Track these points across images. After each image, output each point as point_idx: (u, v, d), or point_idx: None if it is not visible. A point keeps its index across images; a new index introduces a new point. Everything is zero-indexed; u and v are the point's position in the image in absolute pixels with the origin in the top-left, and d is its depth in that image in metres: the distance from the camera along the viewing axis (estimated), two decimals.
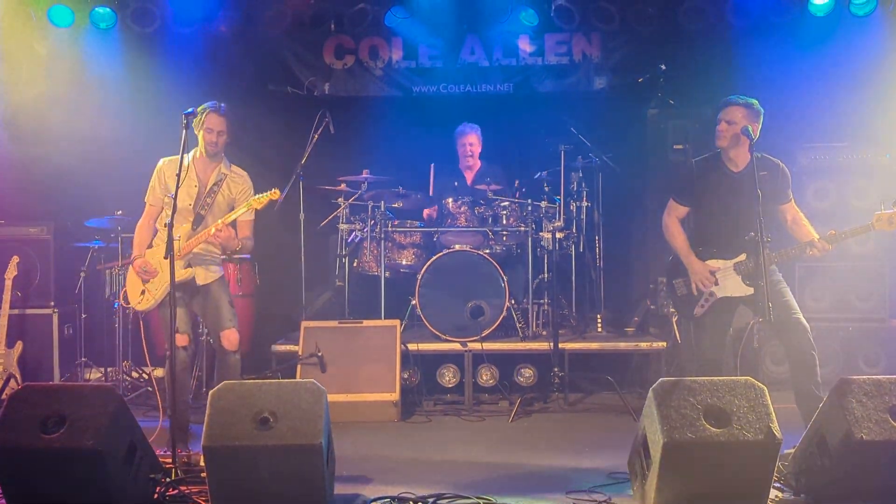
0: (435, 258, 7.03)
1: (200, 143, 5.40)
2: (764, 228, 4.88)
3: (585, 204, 7.54)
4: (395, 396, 6.32)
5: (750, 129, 4.99)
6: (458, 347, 6.83)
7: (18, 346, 6.91)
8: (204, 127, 5.33)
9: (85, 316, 7.26)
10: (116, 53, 7.92)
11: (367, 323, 6.75)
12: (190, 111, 5.01)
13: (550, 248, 7.14)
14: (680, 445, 3.92)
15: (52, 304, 7.24)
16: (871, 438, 3.94)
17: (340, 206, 7.46)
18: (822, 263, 7.12)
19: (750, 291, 5.06)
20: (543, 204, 7.32)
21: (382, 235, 7.26)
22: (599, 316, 7.49)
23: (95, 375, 7.37)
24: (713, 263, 5.19)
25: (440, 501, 4.39)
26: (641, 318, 7.55)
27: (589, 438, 5.86)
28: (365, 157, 7.86)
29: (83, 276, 7.17)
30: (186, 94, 7.49)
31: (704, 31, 7.75)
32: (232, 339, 5.44)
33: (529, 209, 7.25)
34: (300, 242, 7.14)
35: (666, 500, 3.99)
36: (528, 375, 6.92)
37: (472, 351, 6.78)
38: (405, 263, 7.51)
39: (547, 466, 5.18)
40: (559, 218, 7.24)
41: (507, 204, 7.35)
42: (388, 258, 7.36)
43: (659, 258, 6.78)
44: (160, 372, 7.26)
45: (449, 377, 6.89)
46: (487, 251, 7.21)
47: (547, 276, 7.33)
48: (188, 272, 5.33)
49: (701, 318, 5.23)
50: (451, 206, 7.46)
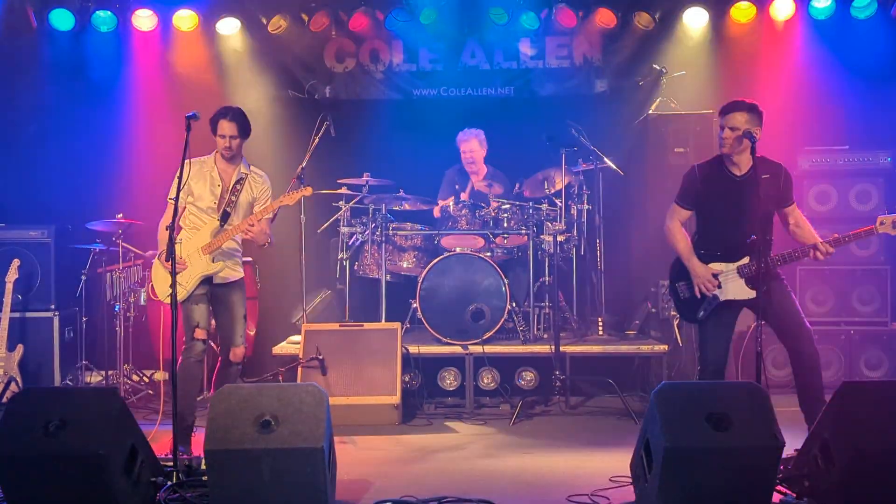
0: (436, 261, 7.03)
1: (218, 147, 5.53)
2: (766, 231, 4.88)
3: (586, 207, 7.53)
4: (396, 399, 6.31)
5: (752, 132, 4.98)
6: (459, 350, 6.83)
7: (19, 349, 6.90)
8: (217, 134, 5.47)
9: (86, 319, 7.25)
10: (117, 56, 7.92)
11: (367, 326, 6.75)
12: (192, 115, 5.00)
13: (551, 251, 7.14)
14: (682, 450, 3.91)
15: (52, 307, 7.23)
16: (873, 442, 3.94)
17: (341, 209, 7.45)
18: (824, 267, 7.12)
19: (753, 294, 5.05)
20: (544, 207, 7.32)
21: (383, 238, 7.25)
22: (600, 319, 7.47)
23: (96, 378, 7.37)
24: (716, 267, 5.18)
25: None
26: (642, 321, 7.54)
27: (590, 442, 5.86)
28: (366, 160, 7.85)
29: (84, 278, 7.15)
30: (187, 97, 7.53)
31: (705, 33, 7.74)
32: (238, 354, 5.56)
33: (530, 212, 7.25)
34: (301, 245, 7.13)
35: None
36: (529, 379, 6.91)
37: (473, 354, 6.77)
38: (406, 266, 7.50)
39: (548, 470, 5.17)
40: (560, 221, 7.23)
41: (508, 207, 7.34)
42: (388, 261, 7.35)
43: (660, 261, 6.75)
44: (161, 375, 7.28)
45: (450, 380, 6.89)
46: (488, 254, 7.21)
47: (548, 279, 7.33)
48: (217, 266, 5.45)
49: (703, 321, 5.22)
50: (451, 208, 7.45)
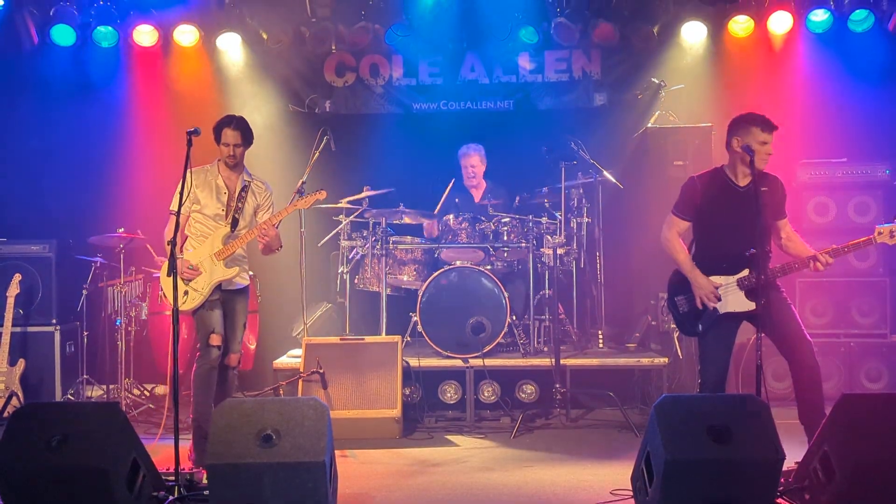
0: (436, 274, 7.05)
1: (222, 155, 5.60)
2: (765, 243, 4.90)
3: (586, 220, 7.55)
4: (396, 413, 6.32)
5: (751, 146, 5.02)
6: (459, 364, 6.83)
7: (20, 363, 6.90)
8: (221, 142, 5.55)
9: (87, 333, 7.24)
10: (118, 71, 7.95)
11: (368, 339, 6.75)
12: (193, 130, 5.02)
13: (551, 263, 7.15)
14: (683, 462, 3.92)
15: (53, 321, 7.24)
16: (872, 455, 3.94)
17: (341, 222, 7.47)
18: (823, 279, 7.14)
19: (752, 306, 5.05)
20: (544, 220, 7.34)
21: (383, 252, 7.27)
22: (601, 332, 7.49)
23: (97, 393, 7.36)
24: (716, 279, 5.18)
25: None
26: (643, 333, 7.55)
27: (591, 454, 5.86)
28: (366, 173, 7.89)
29: (85, 293, 7.16)
30: (188, 111, 7.56)
31: (703, 47, 7.78)
32: (234, 359, 5.65)
33: (530, 225, 7.27)
34: (301, 259, 7.15)
35: None
36: (529, 391, 6.91)
37: (473, 367, 6.78)
38: (406, 280, 7.52)
39: (549, 483, 5.17)
40: (560, 234, 7.25)
41: (507, 220, 7.36)
42: (389, 275, 7.36)
43: (660, 274, 6.76)
44: (161, 390, 7.29)
45: (450, 393, 6.89)
46: (488, 267, 7.23)
47: (548, 291, 7.34)
48: (233, 270, 5.53)
49: (703, 334, 5.23)
50: (451, 222, 7.47)
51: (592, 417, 6.90)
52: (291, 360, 6.92)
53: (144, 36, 7.72)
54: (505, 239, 7.34)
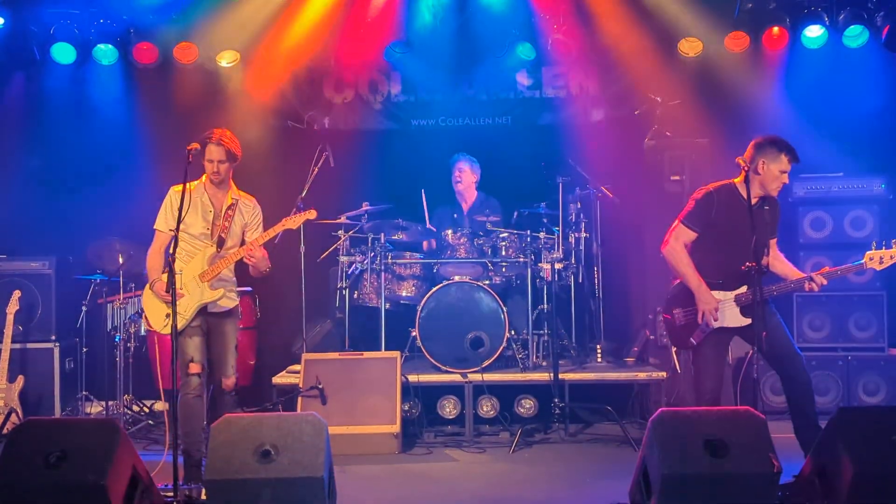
0: (435, 290, 7.06)
1: (207, 172, 5.45)
2: (762, 261, 4.93)
3: (584, 235, 7.58)
4: (395, 428, 6.32)
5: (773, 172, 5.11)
6: (458, 379, 6.84)
7: (20, 380, 6.92)
8: (205, 159, 5.39)
9: (86, 349, 7.26)
10: (119, 89, 7.99)
11: (367, 355, 6.76)
12: (193, 147, 5.04)
13: (550, 278, 7.17)
14: (680, 477, 3.93)
15: (53, 337, 7.27)
16: (869, 469, 3.95)
17: (340, 238, 7.50)
18: (820, 293, 7.06)
19: (746, 322, 5.08)
20: (542, 235, 7.36)
21: (382, 267, 7.29)
22: (599, 346, 7.50)
23: (96, 409, 7.38)
24: (716, 295, 5.21)
25: None
26: (641, 348, 7.56)
27: (590, 469, 5.86)
28: (364, 189, 7.91)
29: (84, 309, 7.18)
30: (188, 128, 7.59)
31: (700, 63, 7.83)
32: (230, 384, 5.49)
33: (528, 240, 7.29)
34: (300, 275, 7.17)
35: None
36: (528, 406, 6.92)
37: (472, 382, 6.78)
38: (405, 295, 7.53)
39: (548, 498, 5.18)
40: (558, 249, 7.27)
41: (506, 235, 7.39)
42: (388, 290, 7.38)
43: (658, 288, 6.79)
44: (162, 405, 7.29)
45: (449, 408, 6.89)
46: (487, 282, 7.25)
47: (546, 306, 7.35)
48: (217, 293, 5.36)
49: (697, 348, 5.24)
50: (450, 237, 7.49)
51: (591, 432, 6.90)
52: (291, 375, 6.92)
53: (144, 53, 7.74)
54: (503, 254, 7.36)
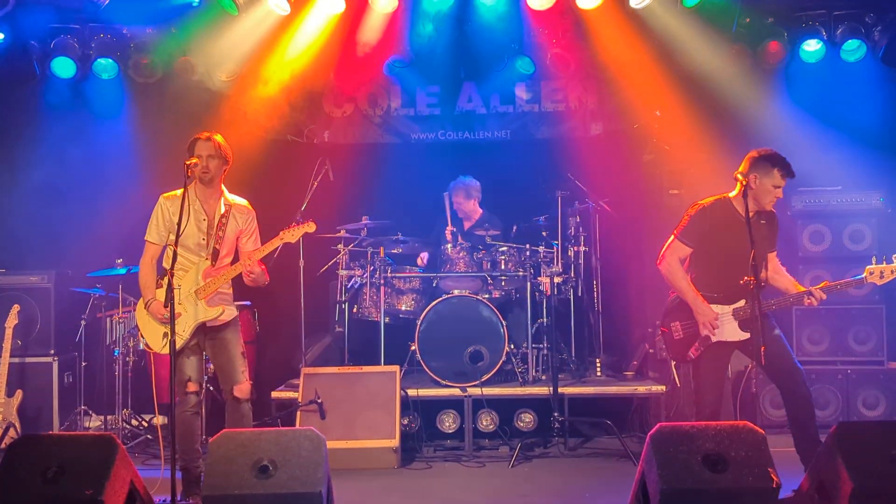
0: (434, 303, 7.07)
1: (196, 173, 5.23)
2: (760, 274, 4.94)
3: (583, 249, 7.59)
4: (394, 443, 6.31)
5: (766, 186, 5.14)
6: (457, 393, 6.84)
7: (18, 394, 6.91)
8: (195, 154, 5.24)
9: (85, 364, 7.26)
10: (118, 103, 8.01)
11: (366, 369, 6.76)
12: (192, 162, 5.05)
13: (549, 292, 7.18)
14: (678, 491, 3.92)
15: (52, 352, 7.27)
16: (868, 484, 3.94)
17: (340, 252, 7.51)
18: (819, 306, 7.09)
19: (745, 336, 5.09)
20: (541, 249, 7.37)
21: (382, 281, 7.29)
22: (598, 360, 7.50)
23: (95, 423, 7.37)
24: (714, 308, 5.22)
25: None
26: (640, 361, 7.56)
27: (589, 483, 5.85)
28: (364, 203, 7.92)
29: (83, 323, 7.19)
30: (188, 142, 7.60)
31: (698, 77, 7.85)
32: (245, 390, 5.30)
33: (528, 254, 7.30)
34: (300, 289, 7.17)
35: None
36: (527, 420, 6.91)
37: (471, 396, 6.78)
38: (405, 309, 7.54)
39: None
40: (557, 263, 7.28)
41: (505, 249, 7.40)
42: (387, 304, 7.39)
43: (657, 302, 6.79)
44: (162, 419, 7.27)
45: (449, 423, 6.89)
46: (486, 296, 7.25)
47: (546, 320, 7.35)
48: (216, 310, 5.21)
49: (697, 361, 5.24)
50: (449, 251, 7.51)
51: (591, 446, 6.89)
52: (290, 390, 6.92)
53: (144, 68, 7.75)
54: (503, 268, 7.37)
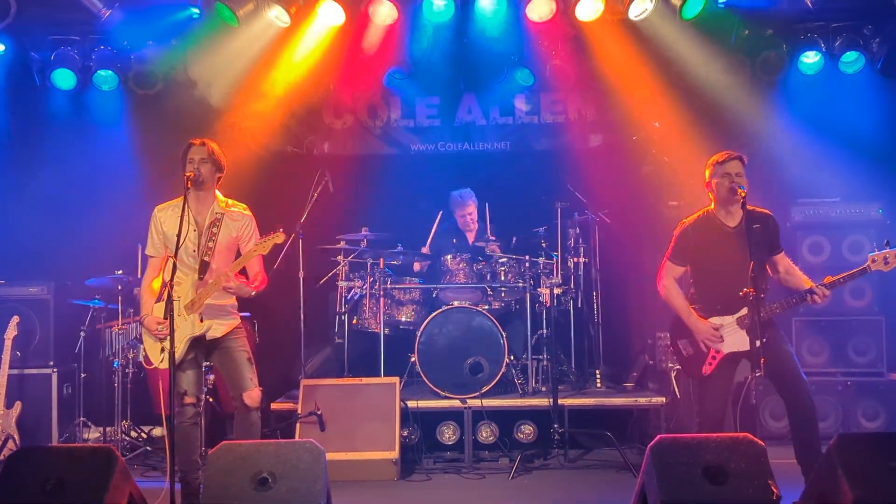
0: (434, 315, 7.06)
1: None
2: (760, 281, 4.94)
3: (583, 260, 7.59)
4: (394, 454, 6.30)
5: (742, 184, 5.10)
6: (457, 404, 6.82)
7: (17, 406, 6.91)
8: (187, 160, 5.21)
9: (84, 375, 7.25)
10: (118, 114, 8.03)
11: (366, 380, 6.76)
12: (192, 175, 5.05)
13: (549, 303, 7.17)
14: None
15: (51, 363, 7.26)
16: (868, 496, 3.93)
17: (340, 263, 7.51)
18: (819, 318, 7.17)
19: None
20: (541, 260, 7.38)
21: (381, 292, 7.29)
22: (598, 371, 7.49)
23: (94, 435, 7.35)
24: (716, 321, 5.22)
25: None
26: (640, 373, 7.56)
27: (589, 495, 5.84)
28: (364, 214, 7.92)
29: (83, 335, 7.18)
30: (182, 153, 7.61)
31: (696, 89, 7.87)
32: (255, 397, 5.24)
33: (527, 265, 7.30)
34: (299, 300, 7.17)
35: None
36: (527, 432, 6.90)
37: (471, 408, 6.77)
38: (404, 320, 7.54)
39: None
40: (557, 274, 7.28)
41: (504, 260, 7.40)
42: (387, 315, 7.38)
43: (657, 313, 6.81)
44: (160, 431, 7.27)
45: (449, 434, 6.87)
46: (486, 307, 7.25)
47: (545, 331, 7.35)
48: (205, 325, 5.16)
49: (710, 375, 5.24)
50: (449, 262, 7.51)
51: (591, 458, 6.88)
52: (289, 401, 6.91)
53: (145, 80, 7.77)
54: (502, 279, 7.37)
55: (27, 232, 7.80)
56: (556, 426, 6.62)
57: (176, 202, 5.30)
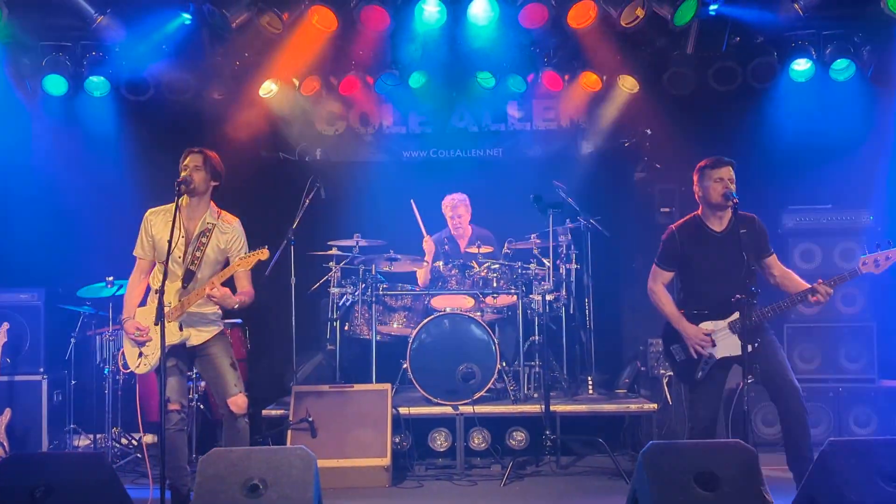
0: (426, 321, 7.05)
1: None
2: (752, 285, 4.94)
3: (575, 266, 7.59)
4: (386, 461, 6.28)
5: (734, 191, 5.12)
6: (449, 411, 6.81)
7: (7, 413, 6.86)
8: (182, 166, 5.21)
9: (75, 382, 7.21)
10: (110, 120, 8.00)
11: (358, 387, 6.74)
12: (183, 180, 5.04)
13: (541, 310, 7.17)
14: None
15: (41, 370, 7.22)
16: (860, 502, 3.94)
17: (331, 269, 7.50)
18: (811, 324, 7.20)
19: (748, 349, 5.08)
20: (533, 266, 7.38)
21: (373, 299, 7.28)
22: (590, 378, 7.49)
23: (84, 442, 7.31)
24: (707, 326, 5.22)
25: None
26: (632, 379, 7.56)
27: (581, 502, 5.84)
28: (356, 221, 7.92)
29: (73, 341, 7.15)
30: (179, 160, 7.59)
31: (689, 96, 7.90)
32: (240, 403, 5.22)
33: (519, 272, 7.29)
34: (291, 307, 7.15)
35: None
36: (519, 439, 6.89)
37: (463, 414, 6.76)
38: (396, 327, 7.52)
39: None
40: (549, 281, 7.28)
41: (497, 267, 7.40)
42: (379, 321, 7.37)
43: (649, 320, 6.80)
44: (150, 438, 7.23)
45: (440, 441, 6.86)
46: (478, 314, 7.24)
47: (538, 338, 7.35)
48: (183, 334, 5.15)
49: (703, 381, 5.24)
50: (441, 269, 7.51)
51: (583, 464, 6.87)
52: (280, 408, 6.89)
53: (136, 86, 7.75)
54: (494, 286, 7.37)
55: (18, 238, 7.76)
56: (548, 433, 6.61)
57: (168, 207, 5.28)
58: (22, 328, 7.22)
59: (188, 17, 7.14)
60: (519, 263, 7.34)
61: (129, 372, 5.36)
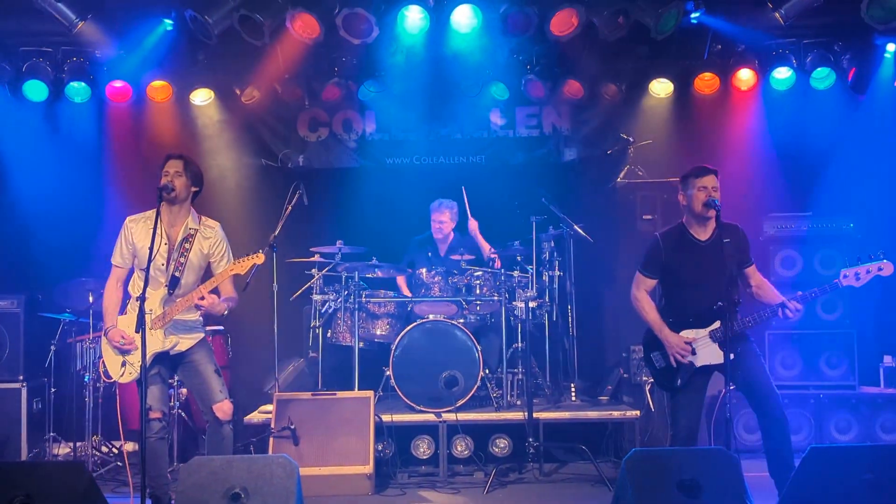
0: (409, 328, 7.05)
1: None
2: (733, 294, 4.97)
3: (557, 273, 7.60)
4: (368, 469, 6.26)
5: (717, 199, 5.13)
6: (432, 418, 6.80)
7: None
8: (162, 172, 5.18)
9: (54, 390, 7.14)
10: (91, 126, 7.95)
11: (340, 394, 6.71)
12: (164, 186, 5.02)
13: (524, 317, 7.17)
14: None
15: (20, 378, 7.16)
16: None
17: (314, 276, 7.48)
18: (792, 331, 7.24)
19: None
20: (516, 273, 7.39)
21: (356, 306, 7.27)
22: (573, 384, 7.50)
23: (64, 450, 7.24)
24: (688, 334, 5.24)
25: None
26: (615, 386, 7.58)
27: None
28: (338, 227, 7.91)
29: (53, 349, 7.08)
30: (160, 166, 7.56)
31: (671, 103, 7.94)
32: (226, 409, 5.21)
33: (502, 279, 7.30)
34: (273, 314, 7.12)
35: None
36: (502, 446, 6.88)
37: (446, 422, 6.75)
38: (379, 334, 7.51)
39: None
40: (532, 287, 7.29)
41: (480, 273, 7.40)
42: (361, 328, 7.36)
43: (632, 326, 6.82)
44: (131, 446, 7.18)
45: (423, 448, 6.84)
46: (461, 321, 7.24)
47: (521, 345, 7.34)
48: (170, 341, 5.14)
49: (682, 388, 5.26)
50: (424, 276, 7.51)
51: (566, 471, 6.87)
52: (263, 415, 6.85)
53: (117, 91, 7.71)
54: (477, 292, 7.37)
55: None
56: (531, 440, 6.61)
57: (149, 214, 5.26)
58: (1, 335, 7.16)
59: (170, 23, 7.11)
60: (502, 270, 7.33)
61: (112, 381, 5.29)
